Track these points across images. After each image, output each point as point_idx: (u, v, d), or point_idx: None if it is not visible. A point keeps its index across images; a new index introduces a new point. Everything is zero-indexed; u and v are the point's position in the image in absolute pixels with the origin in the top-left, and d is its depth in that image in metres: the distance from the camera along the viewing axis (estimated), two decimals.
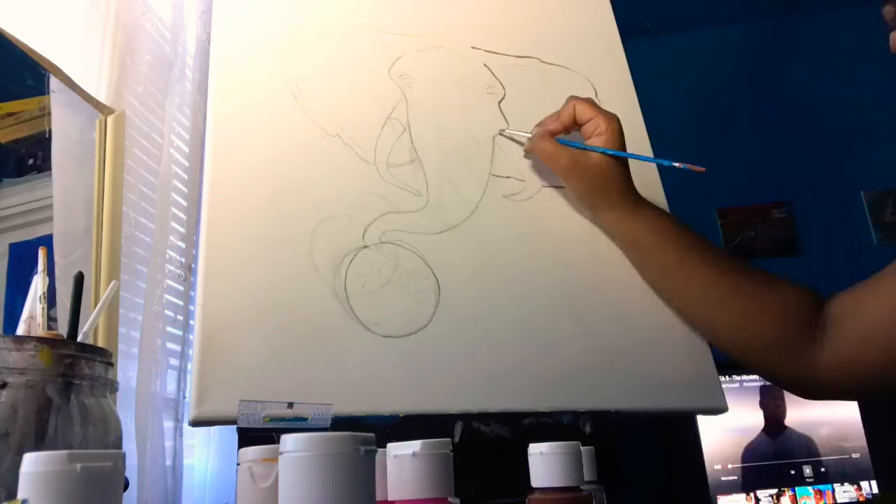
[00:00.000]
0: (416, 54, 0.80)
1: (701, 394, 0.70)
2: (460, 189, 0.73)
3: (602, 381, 0.67)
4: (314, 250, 0.63)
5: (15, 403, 0.40)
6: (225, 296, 0.58)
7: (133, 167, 0.70)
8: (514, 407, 0.62)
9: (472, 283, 0.68)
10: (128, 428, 0.57)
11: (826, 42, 2.15)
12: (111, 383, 0.47)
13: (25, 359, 0.41)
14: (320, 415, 0.52)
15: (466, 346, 0.64)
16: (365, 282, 0.63)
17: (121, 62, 0.70)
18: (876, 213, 2.04)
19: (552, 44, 0.89)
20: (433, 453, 0.40)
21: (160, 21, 0.77)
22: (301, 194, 0.66)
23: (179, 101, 0.75)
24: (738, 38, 2.21)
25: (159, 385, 0.63)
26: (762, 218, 2.08)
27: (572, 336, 0.68)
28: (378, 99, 0.75)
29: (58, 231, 0.63)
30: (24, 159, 0.78)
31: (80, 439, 0.42)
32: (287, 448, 0.31)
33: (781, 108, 2.12)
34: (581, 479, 0.44)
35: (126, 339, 0.65)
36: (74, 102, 0.65)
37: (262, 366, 0.56)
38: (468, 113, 0.78)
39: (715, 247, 0.73)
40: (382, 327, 0.62)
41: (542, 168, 0.77)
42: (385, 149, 0.72)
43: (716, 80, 2.16)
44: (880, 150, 2.05)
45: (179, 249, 0.72)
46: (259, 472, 0.40)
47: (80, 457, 0.27)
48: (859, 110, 2.08)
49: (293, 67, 0.72)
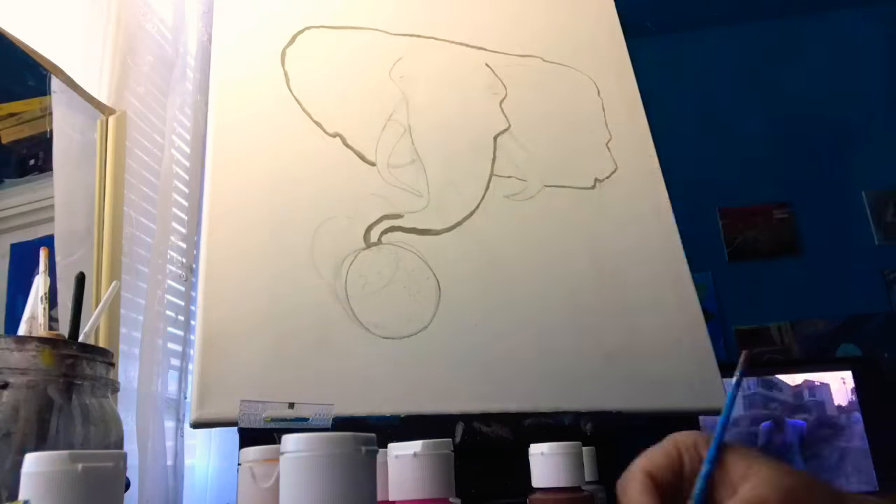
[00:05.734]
0: (416, 55, 0.80)
1: (702, 394, 0.70)
2: (461, 190, 0.73)
3: (603, 381, 0.67)
4: (315, 252, 0.63)
5: (16, 404, 0.40)
6: (226, 298, 0.58)
7: (134, 167, 0.70)
8: (515, 407, 0.62)
9: (472, 284, 0.68)
10: (129, 428, 0.57)
11: (826, 42, 2.14)
12: (112, 383, 0.47)
13: (27, 359, 0.41)
14: (321, 415, 0.52)
15: (467, 346, 0.64)
16: (366, 283, 0.63)
17: (122, 63, 0.70)
18: (877, 214, 2.04)
19: (555, 43, 0.89)
20: (434, 453, 0.40)
21: (161, 22, 0.77)
22: (302, 195, 0.66)
23: (180, 101, 0.75)
24: (738, 38, 2.21)
25: (160, 385, 0.63)
26: (763, 218, 2.08)
27: (573, 337, 0.68)
28: (379, 100, 0.75)
29: (59, 231, 0.63)
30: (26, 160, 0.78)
31: (81, 439, 0.42)
32: (288, 448, 0.31)
33: (782, 108, 2.12)
34: (582, 479, 0.44)
35: (127, 339, 0.65)
36: (76, 103, 0.65)
37: (262, 367, 0.56)
38: (469, 113, 0.78)
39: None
40: (383, 329, 0.62)
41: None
42: (386, 150, 0.72)
43: (717, 79, 2.16)
44: (881, 151, 2.05)
45: (181, 250, 0.72)
46: (260, 473, 0.40)
47: (81, 457, 0.27)
48: (860, 110, 2.08)
49: (294, 68, 0.72)
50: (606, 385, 0.67)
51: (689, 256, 0.79)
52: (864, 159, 2.07)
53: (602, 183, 0.81)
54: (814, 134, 2.08)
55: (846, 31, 2.13)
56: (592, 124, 0.85)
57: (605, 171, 0.82)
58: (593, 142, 0.84)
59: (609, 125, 0.86)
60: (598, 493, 0.57)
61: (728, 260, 2.07)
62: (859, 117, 2.07)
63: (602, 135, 0.85)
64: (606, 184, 0.81)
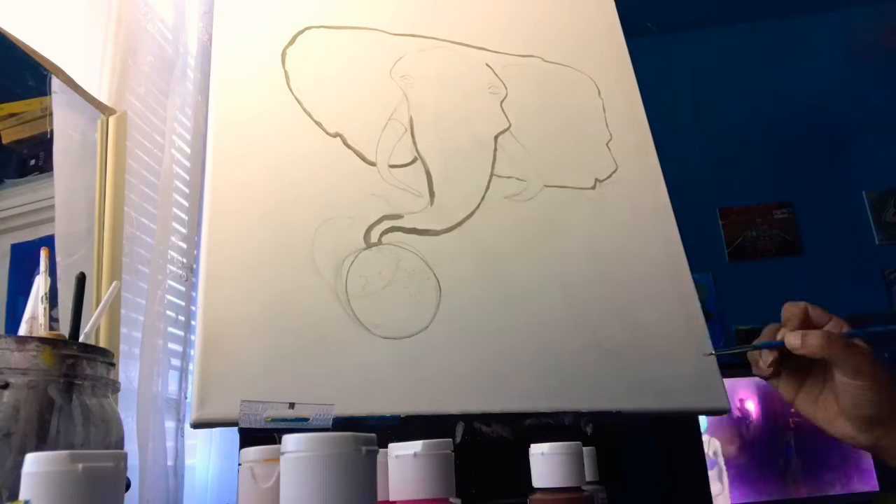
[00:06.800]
0: (417, 54, 0.80)
1: (702, 394, 0.70)
2: (461, 190, 0.73)
3: (603, 381, 0.67)
4: (315, 252, 0.63)
5: (17, 404, 0.40)
6: (226, 298, 0.58)
7: (134, 167, 0.70)
8: (515, 407, 0.62)
9: (473, 284, 0.68)
10: (129, 428, 0.57)
11: (826, 42, 2.14)
12: (113, 384, 0.47)
13: (27, 359, 0.41)
14: (321, 415, 0.52)
15: (467, 346, 0.64)
16: (366, 283, 0.63)
17: (122, 63, 0.70)
18: (877, 213, 2.04)
19: (555, 43, 0.89)
20: (435, 454, 0.40)
21: (161, 22, 0.77)
22: (302, 196, 0.66)
23: (181, 101, 0.75)
24: (738, 38, 2.21)
25: (161, 385, 0.63)
26: (764, 218, 2.08)
27: (574, 337, 0.68)
28: (379, 100, 0.75)
29: (59, 231, 0.63)
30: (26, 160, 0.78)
31: (81, 439, 0.42)
32: (288, 448, 0.31)
33: (782, 108, 2.12)
34: (582, 479, 0.44)
35: (128, 339, 0.65)
36: (76, 103, 0.65)
37: (262, 368, 0.56)
38: (470, 113, 0.78)
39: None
40: (383, 329, 0.62)
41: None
42: (386, 150, 0.72)
43: (717, 79, 2.16)
44: (882, 150, 2.05)
45: (181, 250, 0.72)
46: (260, 473, 0.40)
47: (81, 457, 0.27)
48: (860, 110, 2.08)
49: (294, 68, 0.72)
50: (606, 385, 0.67)
51: (689, 256, 0.79)
52: (864, 159, 2.07)
53: (602, 183, 0.81)
54: (814, 134, 2.08)
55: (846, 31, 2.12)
56: (593, 124, 0.86)
57: (606, 171, 0.82)
58: (594, 142, 0.84)
59: (609, 125, 0.86)
60: (598, 493, 0.57)
61: (728, 260, 2.07)
62: (859, 117, 2.07)
63: (602, 135, 0.85)
64: (607, 184, 0.81)
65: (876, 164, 2.06)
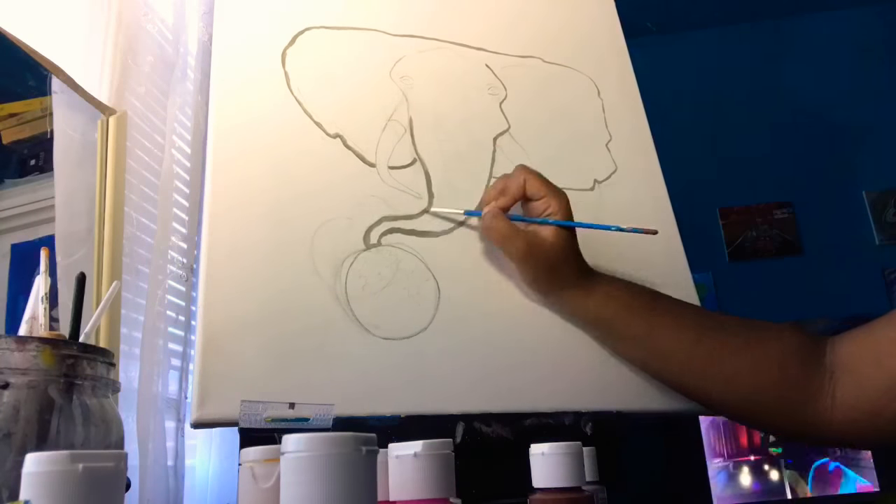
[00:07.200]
0: (417, 55, 0.80)
1: None
2: (461, 191, 0.73)
3: (603, 381, 0.67)
4: (315, 253, 0.63)
5: (17, 404, 0.40)
6: (226, 299, 0.58)
7: (135, 168, 0.70)
8: (515, 407, 0.63)
9: (472, 285, 0.68)
10: (129, 428, 0.57)
11: (826, 42, 2.14)
12: (113, 384, 0.47)
13: (27, 359, 0.41)
14: (322, 415, 0.52)
15: (467, 347, 0.64)
16: (365, 284, 0.63)
17: (122, 63, 0.70)
18: (877, 213, 2.04)
19: (555, 43, 0.89)
20: (435, 454, 0.40)
21: (162, 22, 0.77)
22: (301, 196, 0.66)
23: (181, 101, 0.75)
24: (738, 38, 2.21)
25: (161, 385, 0.63)
26: (764, 218, 2.08)
27: (573, 337, 0.68)
28: (379, 100, 0.75)
29: (59, 232, 0.63)
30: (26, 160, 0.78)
31: (81, 439, 0.42)
32: (289, 448, 0.31)
33: (782, 108, 2.12)
34: (582, 479, 0.44)
35: (128, 339, 0.65)
36: (76, 103, 0.65)
37: (263, 367, 0.56)
38: (469, 114, 0.78)
39: (687, 305, 0.67)
40: (383, 329, 0.62)
41: (490, 251, 0.69)
42: (386, 151, 0.72)
43: (717, 80, 2.17)
44: (882, 151, 2.05)
45: (181, 250, 0.72)
46: (261, 473, 0.40)
47: (82, 457, 0.27)
48: (860, 110, 2.08)
49: (294, 68, 0.72)
50: (606, 385, 0.67)
51: (689, 256, 0.79)
52: (864, 159, 2.07)
53: (601, 184, 0.81)
54: (814, 134, 2.08)
55: (846, 31, 2.13)
56: (592, 125, 0.86)
57: (605, 172, 0.82)
58: (593, 143, 0.84)
59: (609, 126, 0.86)
60: (598, 493, 0.57)
61: (728, 260, 2.07)
62: (859, 117, 2.07)
63: (602, 135, 0.85)
64: (605, 185, 0.81)
65: (876, 164, 2.06)
